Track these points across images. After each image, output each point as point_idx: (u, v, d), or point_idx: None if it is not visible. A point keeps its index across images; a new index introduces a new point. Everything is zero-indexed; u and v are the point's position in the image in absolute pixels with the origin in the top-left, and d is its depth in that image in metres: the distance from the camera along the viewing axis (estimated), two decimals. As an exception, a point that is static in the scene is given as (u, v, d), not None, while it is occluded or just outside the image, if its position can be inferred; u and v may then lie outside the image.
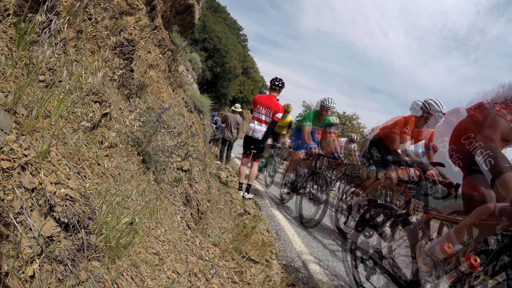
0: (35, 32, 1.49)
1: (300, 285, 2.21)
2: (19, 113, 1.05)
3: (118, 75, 2.14)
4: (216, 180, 4.71)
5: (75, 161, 1.22)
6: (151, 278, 1.26)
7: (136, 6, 2.65)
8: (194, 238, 1.98)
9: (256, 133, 4.42)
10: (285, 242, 3.00)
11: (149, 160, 2.00)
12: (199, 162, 3.46)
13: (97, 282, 0.94)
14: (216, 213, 3.07)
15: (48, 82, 1.43)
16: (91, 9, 2.00)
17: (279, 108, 4.36)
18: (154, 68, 3.10)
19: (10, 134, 0.91)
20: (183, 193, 2.42)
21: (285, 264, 2.50)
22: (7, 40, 1.37)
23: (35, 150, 0.95)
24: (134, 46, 2.24)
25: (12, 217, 0.76)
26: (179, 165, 2.57)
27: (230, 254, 2.15)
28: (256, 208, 4.12)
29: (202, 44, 30.80)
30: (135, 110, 2.30)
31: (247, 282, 1.86)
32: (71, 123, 1.42)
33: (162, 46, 3.57)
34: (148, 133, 2.04)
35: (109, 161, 1.55)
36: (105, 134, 1.62)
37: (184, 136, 3.05)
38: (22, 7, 1.47)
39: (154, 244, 1.49)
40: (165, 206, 1.95)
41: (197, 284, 1.50)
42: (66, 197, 0.96)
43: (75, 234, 0.95)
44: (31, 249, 0.77)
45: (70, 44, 1.77)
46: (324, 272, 2.49)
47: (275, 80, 4.50)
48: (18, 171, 0.84)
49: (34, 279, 0.75)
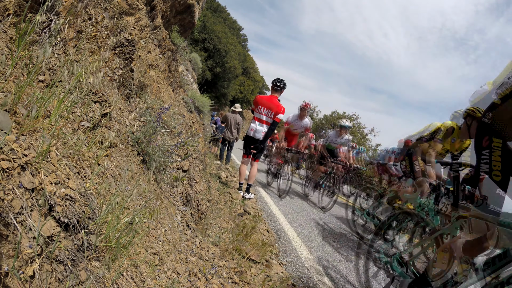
0: (35, 32, 1.49)
1: (300, 285, 2.21)
2: (19, 113, 1.05)
3: (118, 75, 2.14)
4: (216, 180, 4.71)
5: (75, 161, 1.22)
6: (151, 278, 1.26)
7: (136, 6, 2.65)
8: (194, 238, 1.98)
9: (257, 133, 4.41)
10: (285, 242, 3.00)
11: (149, 160, 2.00)
12: (199, 162, 3.46)
13: (97, 282, 0.94)
14: (216, 213, 3.07)
15: (48, 82, 1.43)
16: (91, 9, 2.00)
17: (281, 109, 4.37)
18: (154, 68, 3.10)
19: (10, 134, 0.91)
20: (183, 193, 2.42)
21: (285, 264, 2.50)
22: (7, 40, 1.37)
23: (35, 150, 0.95)
24: (134, 46, 2.24)
25: (12, 217, 0.76)
26: (179, 165, 2.57)
27: (230, 254, 2.15)
28: (256, 208, 4.12)
29: (202, 44, 30.80)
30: (135, 110, 2.30)
31: (247, 282, 1.86)
32: (71, 123, 1.42)
33: (162, 46, 3.57)
34: (148, 133, 2.04)
35: (109, 161, 1.55)
36: (105, 134, 1.62)
37: (184, 136, 3.05)
38: (22, 7, 1.47)
39: (154, 244, 1.49)
40: (165, 206, 1.95)
41: (197, 284, 1.50)
42: (66, 197, 0.96)
43: (75, 234, 0.95)
44: (31, 249, 0.77)
45: (70, 44, 1.77)
46: (324, 272, 2.49)
47: (277, 81, 4.50)
48: (18, 171, 0.84)
49: (34, 279, 0.75)
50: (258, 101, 4.46)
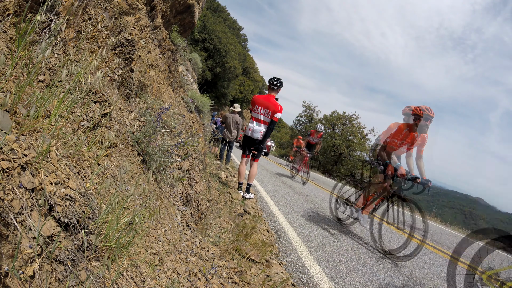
0: (35, 32, 1.49)
1: (300, 285, 2.21)
2: (19, 113, 1.05)
3: (118, 75, 2.14)
4: (216, 180, 4.71)
5: (75, 161, 1.22)
6: (151, 278, 1.26)
7: (136, 6, 2.65)
8: (194, 238, 1.98)
9: (255, 133, 4.41)
10: (285, 242, 3.00)
11: (149, 160, 2.00)
12: (199, 162, 3.46)
13: (97, 282, 0.94)
14: (216, 213, 3.07)
15: (48, 82, 1.43)
16: (91, 9, 2.00)
17: (278, 108, 4.35)
18: (154, 68, 3.10)
19: (10, 134, 0.91)
20: (183, 193, 2.42)
21: (285, 264, 2.50)
22: (7, 40, 1.37)
23: (35, 150, 0.95)
24: (134, 46, 2.24)
25: (12, 217, 0.76)
26: (179, 165, 2.57)
27: (230, 254, 2.15)
28: (256, 208, 4.12)
29: (202, 44, 30.81)
30: (135, 110, 2.30)
31: (247, 282, 1.86)
32: (71, 123, 1.42)
33: (162, 46, 3.56)
34: (148, 133, 2.04)
35: (109, 161, 1.55)
36: (105, 134, 1.62)
37: (184, 136, 3.05)
38: (22, 7, 1.47)
39: (154, 244, 1.49)
40: (165, 206, 1.95)
41: (197, 284, 1.50)
42: (66, 197, 0.96)
43: (75, 234, 0.95)
44: (31, 249, 0.77)
45: (70, 44, 1.77)
46: (324, 272, 2.49)
47: (274, 80, 4.49)
48: (18, 171, 0.84)
49: (34, 279, 0.75)
50: (256, 101, 4.45)
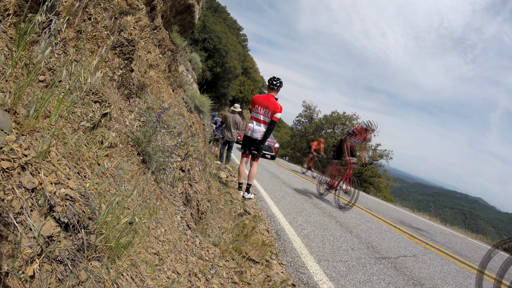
0: (35, 32, 1.49)
1: (300, 285, 2.21)
2: (19, 113, 1.05)
3: (118, 75, 2.14)
4: (216, 180, 4.71)
5: (75, 161, 1.22)
6: (151, 278, 1.26)
7: (136, 6, 2.65)
8: (194, 238, 1.98)
9: (255, 133, 4.41)
10: (285, 242, 3.00)
11: (149, 160, 2.00)
12: (199, 162, 3.46)
13: (97, 282, 0.94)
14: (216, 213, 3.07)
15: (48, 82, 1.43)
16: (91, 9, 2.00)
17: (278, 108, 4.34)
18: (154, 68, 3.10)
19: (10, 134, 0.91)
20: (183, 193, 2.42)
21: (285, 264, 2.50)
22: (7, 40, 1.37)
23: (35, 150, 0.95)
24: (134, 46, 2.24)
25: (12, 217, 0.76)
26: (179, 165, 2.57)
27: (230, 254, 2.15)
28: (256, 208, 4.12)
29: (202, 44, 30.79)
30: (135, 110, 2.30)
31: (247, 282, 1.86)
32: (71, 123, 1.42)
33: (162, 46, 3.56)
34: (148, 133, 2.04)
35: (109, 161, 1.55)
36: (105, 134, 1.62)
37: (184, 136, 3.05)
38: (22, 7, 1.47)
39: (154, 244, 1.49)
40: (165, 206, 1.95)
41: (197, 284, 1.50)
42: (66, 197, 0.96)
43: (75, 234, 0.95)
44: (31, 249, 0.77)
45: (70, 44, 1.77)
46: (324, 272, 2.49)
47: (273, 80, 4.48)
48: (18, 171, 0.84)
49: (34, 279, 0.75)
50: (255, 101, 4.44)
